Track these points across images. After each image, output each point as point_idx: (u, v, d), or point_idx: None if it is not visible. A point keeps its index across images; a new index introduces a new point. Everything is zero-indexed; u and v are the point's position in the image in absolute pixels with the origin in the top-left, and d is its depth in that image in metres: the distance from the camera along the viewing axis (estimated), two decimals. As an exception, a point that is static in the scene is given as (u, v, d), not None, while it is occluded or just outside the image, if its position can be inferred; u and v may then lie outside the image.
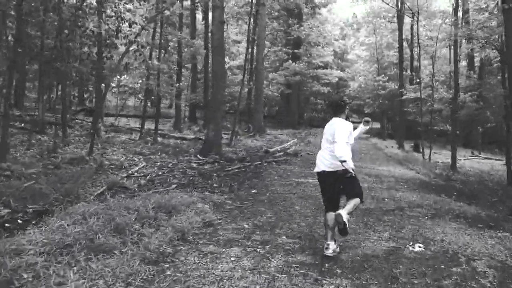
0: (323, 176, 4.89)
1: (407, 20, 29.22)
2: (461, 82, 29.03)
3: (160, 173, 10.41)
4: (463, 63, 38.39)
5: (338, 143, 4.56)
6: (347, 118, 5.05)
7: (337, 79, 41.70)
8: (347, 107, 5.12)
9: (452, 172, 14.18)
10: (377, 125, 43.13)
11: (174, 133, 20.70)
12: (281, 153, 16.01)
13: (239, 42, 32.99)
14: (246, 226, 5.95)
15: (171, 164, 11.75)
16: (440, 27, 22.94)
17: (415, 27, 25.11)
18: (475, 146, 33.55)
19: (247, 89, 25.45)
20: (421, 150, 22.85)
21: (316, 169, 4.98)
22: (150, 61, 16.99)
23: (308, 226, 6.07)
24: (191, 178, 9.84)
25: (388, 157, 18.11)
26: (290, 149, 18.48)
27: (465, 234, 5.92)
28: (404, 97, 22.91)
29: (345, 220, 4.49)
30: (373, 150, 21.67)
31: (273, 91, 31.46)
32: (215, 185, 9.04)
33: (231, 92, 27.89)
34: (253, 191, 8.53)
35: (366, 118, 5.50)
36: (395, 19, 31.05)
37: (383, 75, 32.32)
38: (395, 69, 34.38)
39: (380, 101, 33.36)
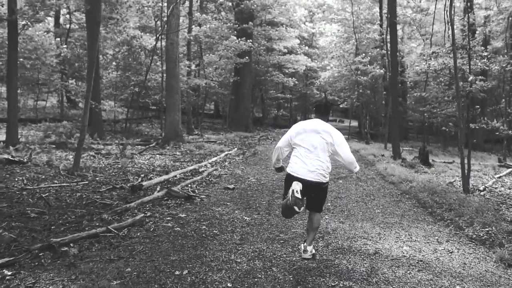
0: (303, 183, 4.15)
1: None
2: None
3: None
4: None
5: (348, 154, 4.41)
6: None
7: (304, 67, 33.05)
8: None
9: None
10: (354, 123, 34.68)
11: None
12: (160, 193, 7.10)
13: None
14: None
15: None
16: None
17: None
18: (480, 147, 25.04)
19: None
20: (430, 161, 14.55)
21: (296, 174, 4.21)
22: None
23: None
24: None
25: (390, 184, 9.41)
26: (204, 173, 9.59)
27: None
28: (417, 67, 13.89)
29: (310, 256, 4.32)
30: (358, 166, 12.97)
31: (212, 79, 22.33)
32: None
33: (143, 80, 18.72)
34: None
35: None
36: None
37: (363, 54, 23.64)
38: (377, 49, 25.84)
39: (360, 91, 24.68)
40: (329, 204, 7.03)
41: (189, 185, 8.26)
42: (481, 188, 10.15)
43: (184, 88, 20.17)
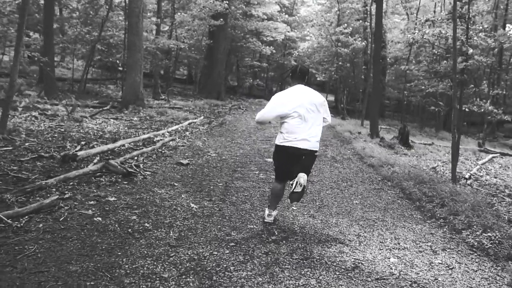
0: (297, 152, 4.14)
1: None
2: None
3: None
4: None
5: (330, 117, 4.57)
6: None
7: (283, 36, 31.52)
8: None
9: None
10: (331, 98, 33.61)
11: None
12: (94, 167, 5.80)
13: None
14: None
15: None
16: None
17: None
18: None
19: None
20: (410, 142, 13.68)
21: (290, 144, 4.15)
22: None
23: None
24: None
25: (369, 167, 8.30)
26: (157, 144, 8.29)
27: None
28: (409, 35, 12.52)
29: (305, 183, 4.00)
30: (334, 143, 11.79)
31: (184, 41, 20.68)
32: None
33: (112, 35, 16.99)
34: None
35: None
36: None
37: (345, 24, 22.34)
38: (360, 21, 24.54)
39: (340, 63, 23.47)
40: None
41: (136, 158, 6.96)
42: (467, 176, 9.23)
43: (151, 49, 18.51)
